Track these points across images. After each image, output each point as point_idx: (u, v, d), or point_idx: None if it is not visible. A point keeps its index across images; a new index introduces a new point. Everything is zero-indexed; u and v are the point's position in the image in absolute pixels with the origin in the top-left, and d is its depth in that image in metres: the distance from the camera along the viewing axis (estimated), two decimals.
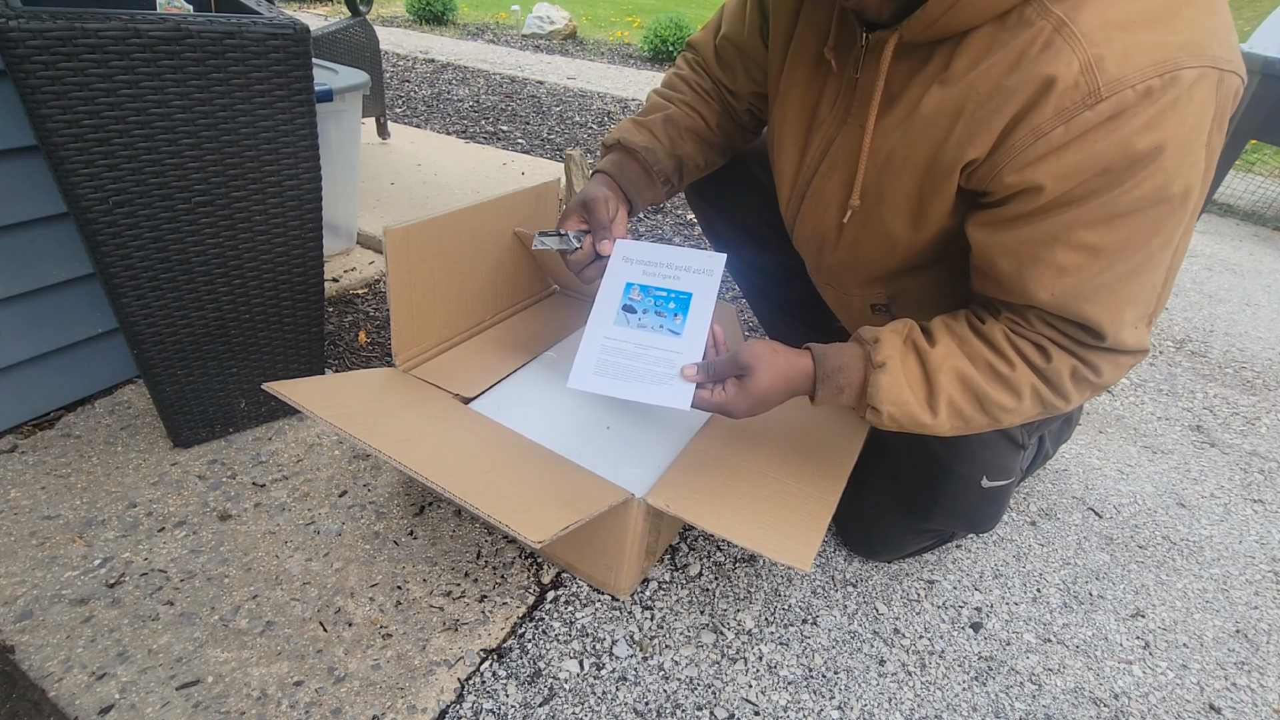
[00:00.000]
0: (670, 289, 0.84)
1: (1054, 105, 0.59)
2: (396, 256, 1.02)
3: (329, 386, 0.95)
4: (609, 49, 5.41)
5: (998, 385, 0.72)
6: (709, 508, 0.86)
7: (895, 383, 0.73)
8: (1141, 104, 0.57)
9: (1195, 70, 0.57)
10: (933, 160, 0.69)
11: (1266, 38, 2.47)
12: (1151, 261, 0.64)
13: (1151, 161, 0.58)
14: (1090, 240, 0.62)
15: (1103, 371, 0.70)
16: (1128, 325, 0.67)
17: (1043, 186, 0.62)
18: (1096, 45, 0.57)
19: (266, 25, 0.93)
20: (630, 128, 0.99)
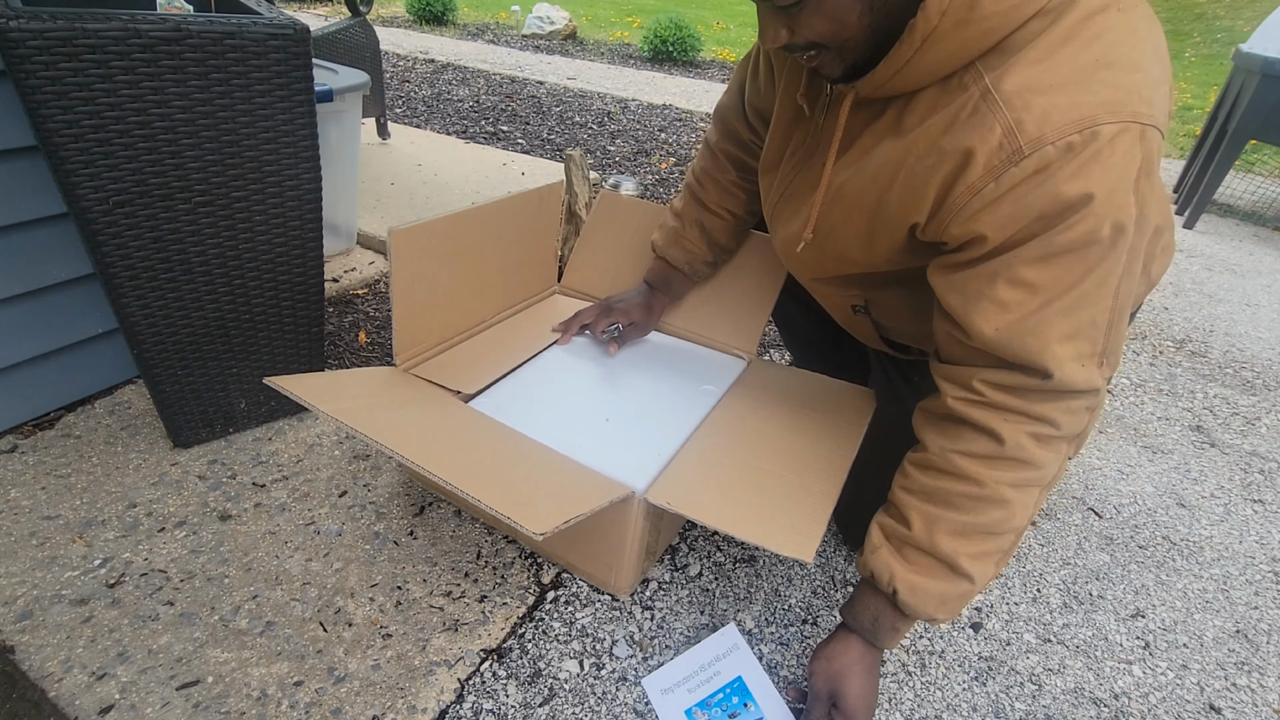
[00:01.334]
0: (721, 687, 0.88)
1: (982, 165, 0.66)
2: (400, 257, 1.02)
3: (330, 382, 0.95)
4: (609, 49, 5.41)
5: (980, 508, 0.74)
6: (709, 504, 0.86)
7: (920, 592, 0.76)
8: (1064, 158, 0.63)
9: (1115, 125, 0.62)
10: (878, 203, 0.76)
11: (1266, 38, 2.47)
12: (1087, 298, 0.68)
13: (1083, 207, 0.64)
14: (1029, 277, 0.68)
15: (1060, 423, 0.72)
16: (1069, 361, 0.70)
17: (985, 236, 0.68)
18: (1016, 110, 0.64)
19: (266, 25, 0.93)
20: (675, 241, 1.17)
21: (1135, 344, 1.86)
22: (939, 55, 0.66)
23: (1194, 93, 5.08)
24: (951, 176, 0.68)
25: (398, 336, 1.08)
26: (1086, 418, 0.74)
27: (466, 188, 2.30)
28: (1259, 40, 2.49)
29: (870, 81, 0.71)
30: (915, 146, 0.71)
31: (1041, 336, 0.69)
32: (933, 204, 0.71)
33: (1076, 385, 0.71)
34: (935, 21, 0.63)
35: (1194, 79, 5.46)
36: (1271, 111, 2.41)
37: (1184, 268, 2.39)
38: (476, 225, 1.15)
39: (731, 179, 1.13)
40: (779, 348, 1.67)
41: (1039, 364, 0.70)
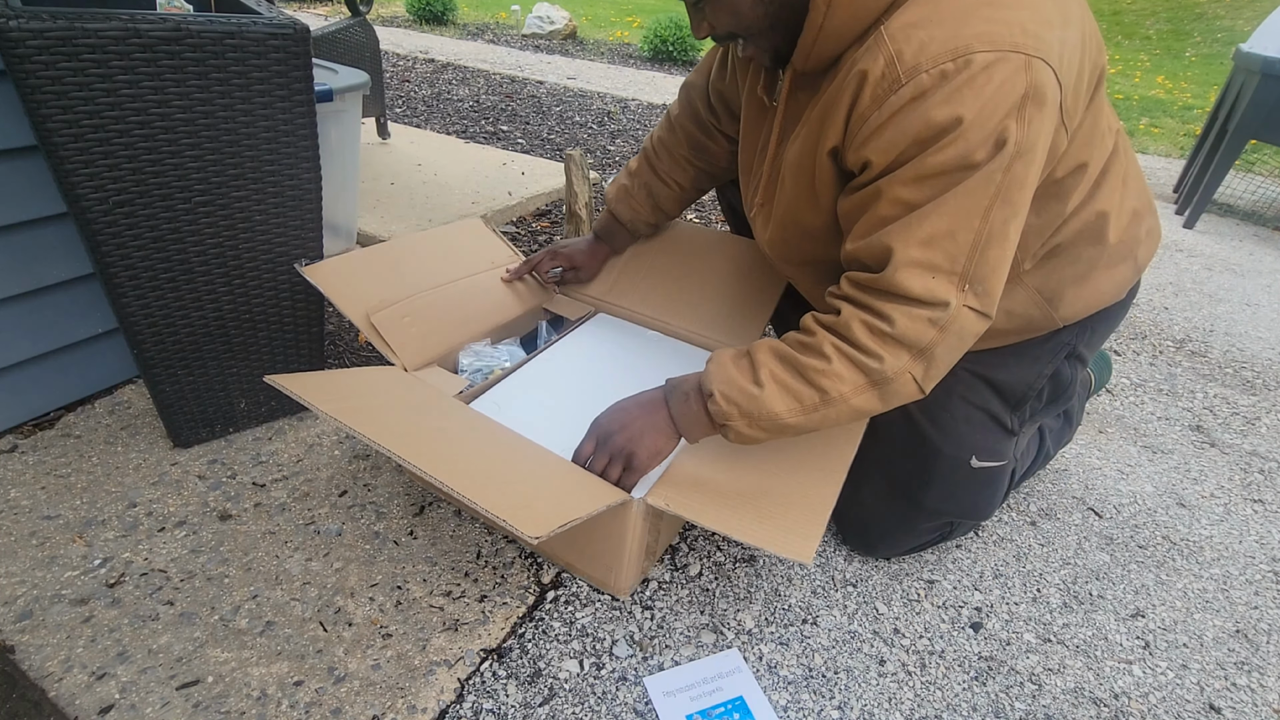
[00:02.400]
0: (723, 702, 0.89)
1: (870, 94, 0.72)
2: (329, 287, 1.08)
3: (330, 381, 0.95)
4: (609, 49, 5.41)
5: (804, 351, 0.80)
6: (708, 505, 0.86)
7: (722, 368, 0.84)
8: (937, 84, 0.68)
9: (990, 54, 0.66)
10: (814, 157, 0.82)
11: (1266, 38, 2.47)
12: (947, 210, 0.71)
13: (952, 130, 0.68)
14: (904, 195, 0.72)
15: (895, 321, 0.74)
16: (915, 266, 0.72)
17: (871, 161, 0.74)
18: (897, 42, 0.70)
19: (266, 25, 0.93)
20: (621, 197, 1.26)
21: (1135, 344, 1.86)
22: (845, 16, 0.73)
23: (1194, 93, 5.08)
24: (850, 103, 0.74)
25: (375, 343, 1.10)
26: (931, 332, 0.75)
27: (466, 187, 2.30)
28: (1259, 40, 2.49)
29: (800, 52, 0.77)
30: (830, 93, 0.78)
31: (898, 237, 0.73)
32: (842, 129, 0.77)
33: (913, 290, 0.73)
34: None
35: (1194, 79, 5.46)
36: (1271, 111, 2.41)
37: (1184, 268, 2.39)
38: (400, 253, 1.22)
39: (684, 154, 1.21)
40: None
41: (885, 257, 0.74)
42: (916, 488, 1.02)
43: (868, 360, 0.76)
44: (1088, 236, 0.89)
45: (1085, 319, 0.97)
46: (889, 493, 1.05)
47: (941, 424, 0.99)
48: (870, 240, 0.76)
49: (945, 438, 0.99)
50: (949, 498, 1.02)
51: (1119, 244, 0.91)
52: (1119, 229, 0.90)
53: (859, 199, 0.78)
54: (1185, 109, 4.69)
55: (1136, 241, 0.94)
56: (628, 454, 0.89)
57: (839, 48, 0.76)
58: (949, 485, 1.01)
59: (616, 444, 0.89)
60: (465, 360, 1.20)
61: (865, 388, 0.78)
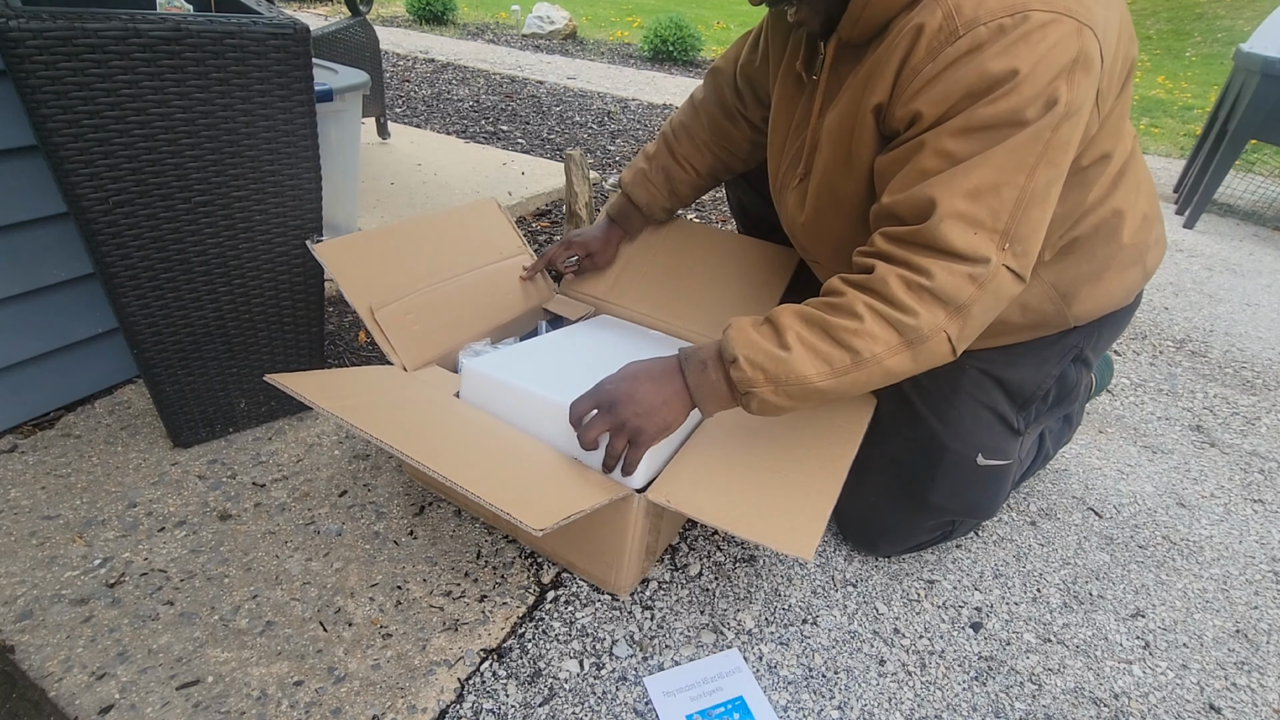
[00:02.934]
0: (723, 702, 0.89)
1: (925, 46, 0.71)
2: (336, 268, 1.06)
3: (330, 380, 0.95)
4: (609, 49, 5.41)
5: (833, 312, 0.76)
6: (709, 501, 0.86)
7: (742, 333, 0.80)
8: (995, 37, 0.68)
9: (1046, 14, 0.67)
10: (855, 117, 0.81)
11: (1266, 37, 2.47)
12: (994, 164, 0.70)
13: (1007, 82, 0.68)
14: (949, 147, 0.71)
15: (934, 274, 0.72)
16: (958, 218, 0.71)
17: (922, 113, 0.73)
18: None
19: (266, 25, 0.93)
20: (639, 181, 1.26)
21: (1135, 344, 1.86)
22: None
23: (1194, 93, 5.08)
24: (903, 57, 0.74)
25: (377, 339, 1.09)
26: (970, 287, 0.72)
27: (466, 187, 2.30)
28: (1259, 40, 2.49)
29: (848, 19, 0.77)
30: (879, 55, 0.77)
31: (942, 188, 0.72)
32: (891, 84, 0.76)
33: (955, 244, 0.71)
34: None
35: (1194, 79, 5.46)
36: (1271, 111, 2.41)
37: (1184, 268, 2.39)
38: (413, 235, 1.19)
39: (705, 138, 1.21)
40: None
41: (928, 208, 0.72)
42: (922, 484, 1.02)
43: (903, 317, 0.73)
44: (1104, 234, 0.90)
45: (1093, 322, 0.98)
46: (894, 489, 1.05)
47: (949, 420, 0.99)
48: (911, 192, 0.74)
49: (952, 434, 0.99)
50: (954, 495, 1.02)
51: (1131, 246, 0.92)
52: (1132, 230, 0.91)
53: (899, 153, 0.76)
54: (1185, 109, 4.69)
55: (1146, 247, 0.96)
56: (635, 428, 0.82)
57: (888, 14, 0.76)
58: (955, 482, 1.01)
59: (622, 416, 0.82)
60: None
61: (900, 347, 0.74)
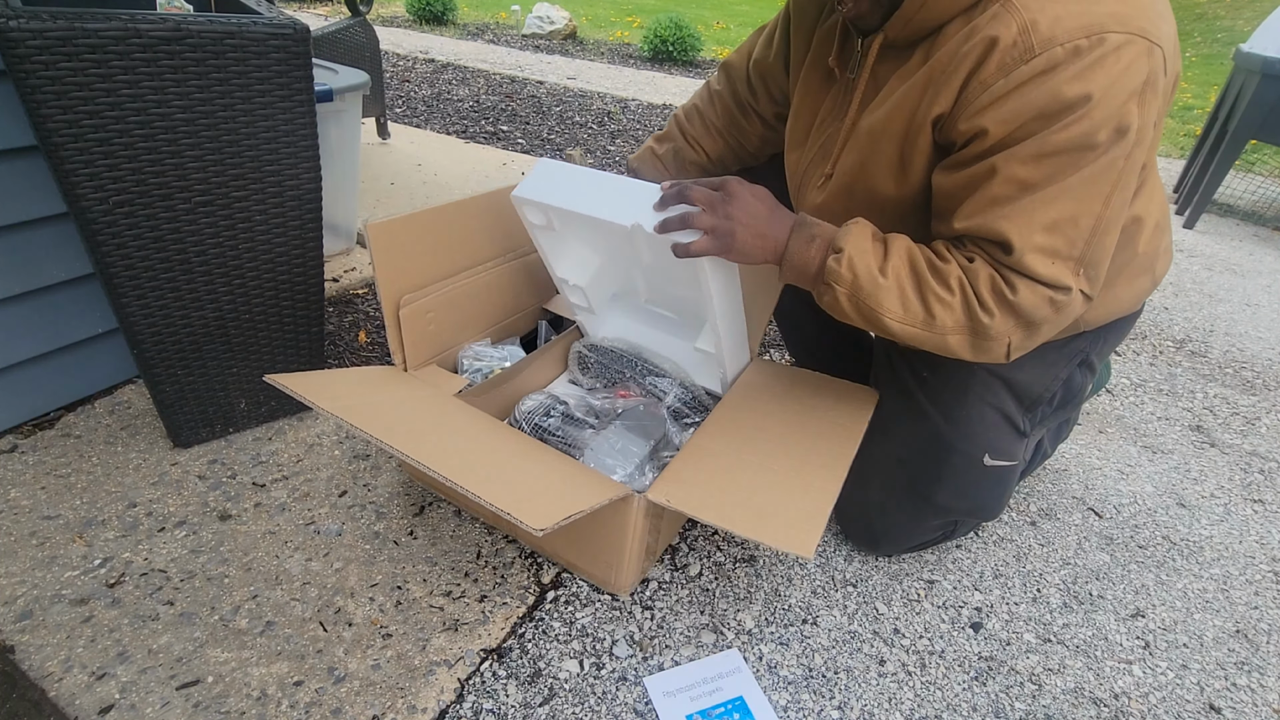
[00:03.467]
0: (723, 702, 0.89)
1: (996, 61, 0.70)
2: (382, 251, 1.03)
3: (330, 380, 0.95)
4: (609, 49, 5.41)
5: (933, 271, 0.79)
6: (709, 501, 0.86)
7: (860, 238, 0.81)
8: (1070, 60, 0.67)
9: (1121, 35, 0.66)
10: (909, 124, 0.79)
11: (1266, 38, 2.47)
12: (1072, 193, 0.71)
13: (1080, 107, 0.67)
14: (1021, 174, 0.71)
15: (1019, 289, 0.75)
16: (1037, 251, 0.72)
17: (987, 130, 0.71)
18: (1032, 12, 0.68)
19: (266, 25, 0.93)
20: (648, 159, 1.23)
21: (1135, 344, 1.86)
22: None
23: (1194, 93, 5.07)
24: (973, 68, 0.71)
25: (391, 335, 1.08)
26: (1047, 309, 0.76)
27: (466, 187, 2.30)
28: (1259, 40, 2.49)
29: (899, 19, 0.75)
30: (939, 61, 0.75)
31: (1014, 219, 0.72)
32: (955, 96, 0.74)
33: (1038, 272, 0.73)
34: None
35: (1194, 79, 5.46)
36: (1271, 111, 2.41)
37: (1184, 268, 2.39)
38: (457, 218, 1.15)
39: (718, 125, 1.20)
40: (780, 347, 1.67)
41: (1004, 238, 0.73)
42: (928, 483, 1.02)
43: (981, 313, 0.77)
44: (1122, 240, 0.89)
45: (1101, 327, 0.98)
46: (899, 488, 1.05)
47: (957, 420, 1.00)
48: (984, 222, 0.74)
49: (960, 434, 0.99)
50: (960, 494, 1.02)
51: (1144, 254, 0.92)
52: (1146, 238, 0.91)
53: (967, 176, 0.75)
54: (1185, 109, 4.69)
55: (1156, 255, 0.95)
56: (730, 233, 0.83)
57: (943, 18, 0.74)
58: (961, 482, 1.01)
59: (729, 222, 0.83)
60: (465, 360, 1.20)
61: (965, 331, 0.79)
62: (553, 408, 1.12)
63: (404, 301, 1.07)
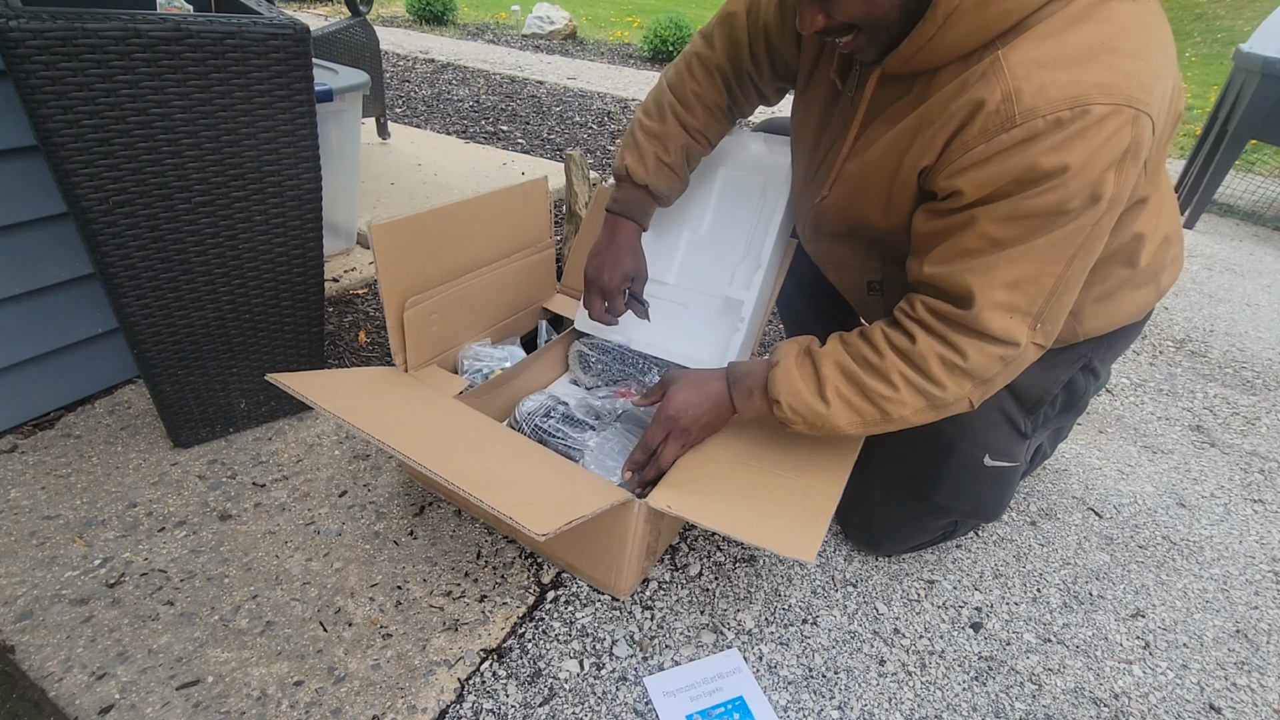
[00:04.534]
0: (723, 702, 0.89)
1: (979, 126, 0.70)
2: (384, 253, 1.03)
3: (332, 380, 0.95)
4: (609, 49, 5.41)
5: (871, 373, 0.82)
6: (710, 506, 0.86)
7: (788, 376, 0.86)
8: (1051, 131, 0.67)
9: (1106, 107, 0.66)
10: (899, 166, 0.80)
11: (1266, 38, 2.47)
12: (1036, 255, 0.73)
13: (1055, 178, 0.68)
14: (992, 232, 0.73)
15: (969, 356, 0.77)
16: (998, 308, 0.75)
17: (962, 191, 0.73)
18: (1018, 79, 0.68)
19: (266, 25, 0.93)
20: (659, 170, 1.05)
21: (1135, 344, 1.86)
22: (960, 33, 0.70)
23: (1194, 93, 5.08)
24: (957, 129, 0.72)
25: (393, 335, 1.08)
26: (999, 366, 0.79)
27: (466, 188, 2.30)
28: (1259, 40, 2.49)
29: (896, 57, 0.75)
30: (930, 111, 0.76)
31: (980, 274, 0.74)
32: (939, 152, 0.75)
33: (993, 330, 0.76)
34: (958, 1, 0.67)
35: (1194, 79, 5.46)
36: (1271, 111, 2.41)
37: (1184, 267, 2.39)
38: (461, 219, 1.15)
39: (721, 104, 1.06)
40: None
41: (967, 292, 0.75)
42: (928, 483, 1.02)
43: (935, 390, 0.80)
44: (1121, 258, 0.90)
45: (1103, 335, 0.98)
46: (900, 487, 1.05)
47: (957, 420, 0.98)
48: (952, 271, 0.76)
49: (960, 433, 0.99)
50: (960, 495, 1.02)
51: (1146, 268, 0.92)
52: (1150, 253, 0.91)
53: (944, 225, 0.77)
54: (1185, 109, 4.69)
55: (1162, 266, 0.95)
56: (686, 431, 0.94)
57: (943, 60, 0.74)
58: (961, 482, 1.01)
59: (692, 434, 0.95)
60: (465, 361, 1.20)
61: (926, 410, 0.82)
62: (553, 408, 1.12)
63: (409, 304, 1.07)
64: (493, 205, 1.20)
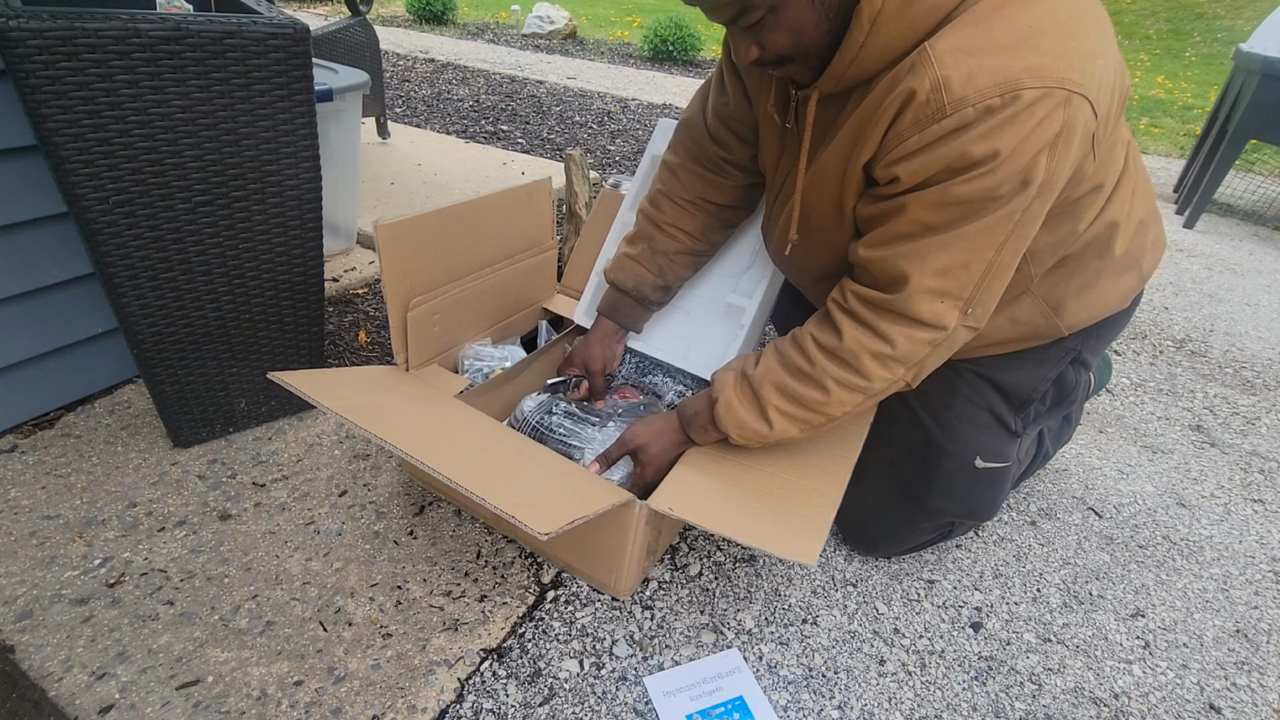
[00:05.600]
0: (723, 702, 0.89)
1: (911, 116, 0.70)
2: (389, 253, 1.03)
3: (333, 379, 0.95)
4: (609, 49, 5.41)
5: (805, 383, 0.85)
6: (711, 508, 0.86)
7: (730, 410, 0.90)
8: (981, 119, 0.67)
9: (1036, 90, 0.66)
10: (844, 171, 0.81)
11: (1266, 37, 2.47)
12: (966, 242, 0.74)
13: (986, 164, 0.68)
14: (923, 216, 0.74)
15: (897, 344, 0.79)
16: (928, 293, 0.76)
17: (899, 178, 0.74)
18: (945, 68, 0.67)
19: (266, 25, 0.93)
20: (624, 265, 1.13)
21: (1135, 344, 1.86)
22: (888, 36, 0.70)
23: (1194, 93, 5.07)
24: (892, 120, 0.73)
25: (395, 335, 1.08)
26: (927, 350, 0.80)
27: (466, 187, 2.30)
28: (1259, 40, 2.49)
29: (830, 75, 0.75)
30: (866, 110, 0.76)
31: (915, 262, 0.75)
32: (877, 144, 0.76)
33: (922, 315, 0.77)
34: (880, 4, 0.67)
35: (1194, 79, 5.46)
36: (1271, 111, 2.41)
37: (1184, 268, 2.39)
38: (465, 220, 1.14)
39: (689, 198, 1.10)
40: None
41: (899, 282, 0.77)
42: (920, 487, 1.02)
43: (866, 383, 0.83)
44: (1095, 248, 0.89)
45: (1090, 326, 0.98)
46: (892, 491, 1.05)
47: (946, 424, 1.00)
48: (885, 256, 0.77)
49: (950, 438, 0.99)
50: (952, 498, 1.02)
51: (1125, 254, 0.92)
52: (1126, 239, 0.91)
53: (880, 210, 0.78)
54: (1185, 109, 4.69)
55: (1142, 251, 0.95)
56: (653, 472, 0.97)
57: (876, 68, 0.74)
58: (953, 485, 1.01)
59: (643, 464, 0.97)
60: (466, 360, 1.20)
61: (863, 402, 0.86)
62: (554, 406, 1.12)
63: (412, 304, 1.07)
64: (497, 206, 1.20)
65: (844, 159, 0.80)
